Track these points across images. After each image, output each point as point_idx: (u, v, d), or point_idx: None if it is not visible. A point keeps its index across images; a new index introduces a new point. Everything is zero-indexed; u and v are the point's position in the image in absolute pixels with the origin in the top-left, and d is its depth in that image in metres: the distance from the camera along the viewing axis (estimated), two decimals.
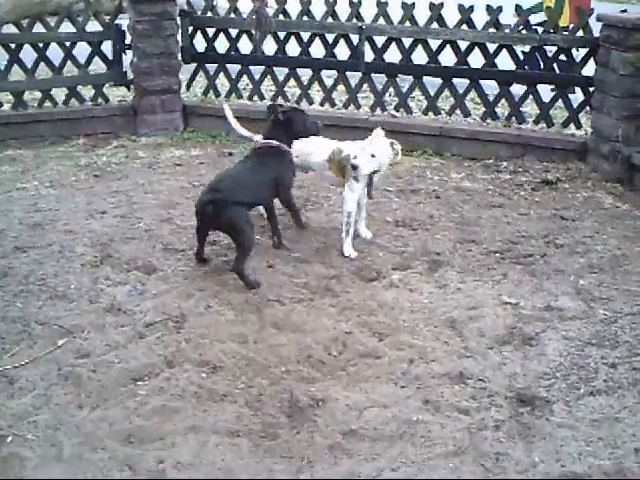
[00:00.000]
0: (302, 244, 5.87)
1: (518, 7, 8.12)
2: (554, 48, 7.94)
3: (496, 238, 5.96)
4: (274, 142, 5.59)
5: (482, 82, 8.32)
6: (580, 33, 7.82)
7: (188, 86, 9.64)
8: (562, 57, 8.02)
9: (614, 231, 6.12)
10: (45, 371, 4.25)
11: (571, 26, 8.31)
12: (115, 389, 4.11)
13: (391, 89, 8.76)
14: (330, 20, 8.60)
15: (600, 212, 6.54)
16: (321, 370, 4.29)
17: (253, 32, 8.45)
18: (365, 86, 8.83)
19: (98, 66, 9.42)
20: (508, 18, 8.34)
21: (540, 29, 8.30)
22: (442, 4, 8.11)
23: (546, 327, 4.68)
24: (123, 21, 9.04)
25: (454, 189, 7.10)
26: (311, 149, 5.99)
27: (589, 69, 7.83)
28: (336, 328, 4.68)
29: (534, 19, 8.51)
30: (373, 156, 5.46)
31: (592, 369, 4.25)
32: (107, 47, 9.04)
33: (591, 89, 7.72)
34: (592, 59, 7.72)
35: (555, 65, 8.20)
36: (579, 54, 7.97)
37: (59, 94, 9.19)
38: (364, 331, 4.66)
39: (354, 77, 8.84)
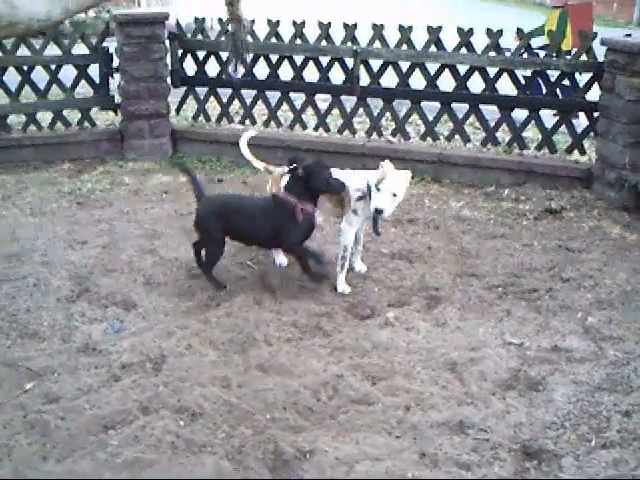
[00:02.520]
0: (291, 278, 5.54)
1: (519, 30, 7.84)
2: (556, 72, 7.63)
3: (498, 271, 5.63)
4: (290, 199, 5.24)
5: (482, 107, 8.00)
6: (583, 57, 7.51)
7: (178, 110, 9.34)
8: (565, 82, 7.72)
9: (623, 264, 5.79)
10: (9, 418, 3.91)
11: (574, 50, 8.05)
12: (85, 438, 3.78)
13: (388, 114, 8.46)
14: (324, 43, 8.29)
15: (607, 243, 6.20)
16: (309, 418, 3.95)
17: (229, 55, 8.13)
18: (361, 111, 8.53)
19: (85, 90, 9.12)
20: (509, 41, 8.06)
21: (542, 53, 8.03)
22: (440, 27, 7.82)
23: (553, 370, 4.33)
24: (110, 44, 8.73)
25: (454, 218, 6.77)
26: None
27: (592, 94, 7.53)
28: (326, 371, 4.34)
29: (535, 43, 8.23)
30: (395, 195, 5.05)
31: (604, 418, 3.89)
32: (94, 70, 8.74)
33: (595, 114, 7.43)
34: (596, 84, 7.42)
35: (558, 90, 7.92)
36: (582, 79, 7.68)
37: (44, 118, 8.91)
38: (356, 374, 4.32)
39: (349, 101, 8.54)
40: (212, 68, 8.99)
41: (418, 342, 4.67)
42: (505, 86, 7.99)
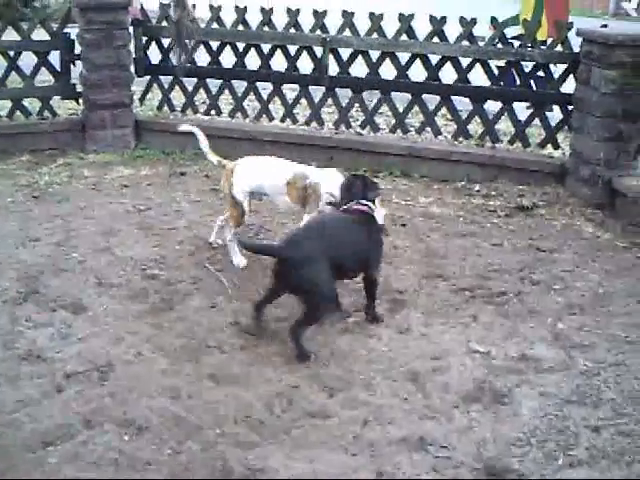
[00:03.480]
0: (249, 279, 5.29)
1: (493, 19, 7.62)
2: (531, 63, 7.41)
3: (466, 273, 5.41)
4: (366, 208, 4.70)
5: (454, 99, 7.75)
6: (559, 48, 7.30)
7: (141, 100, 9.05)
8: (539, 73, 7.51)
9: (595, 265, 5.58)
10: None
11: (549, 40, 7.83)
12: (21, 456, 3.52)
13: (357, 105, 8.19)
14: (293, 31, 8.01)
15: (580, 242, 6.00)
16: (261, 433, 3.71)
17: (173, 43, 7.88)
18: (329, 101, 8.26)
19: (45, 78, 8.78)
20: (483, 31, 7.82)
21: (516, 43, 7.80)
22: (412, 15, 7.58)
23: (520, 381, 4.10)
24: (72, 30, 8.41)
25: (421, 215, 6.54)
26: (266, 169, 5.38)
27: (568, 86, 7.32)
28: (281, 381, 4.11)
29: (510, 32, 8.00)
30: None
31: (572, 434, 3.67)
32: (55, 57, 8.42)
33: (570, 107, 7.20)
34: (571, 75, 7.20)
35: (532, 82, 7.71)
36: (557, 70, 7.47)
37: (3, 106, 8.60)
38: (313, 385, 4.09)
39: (317, 92, 8.28)
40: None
41: (379, 350, 4.43)
42: (478, 77, 7.77)
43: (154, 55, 8.80)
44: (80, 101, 8.62)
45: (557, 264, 5.58)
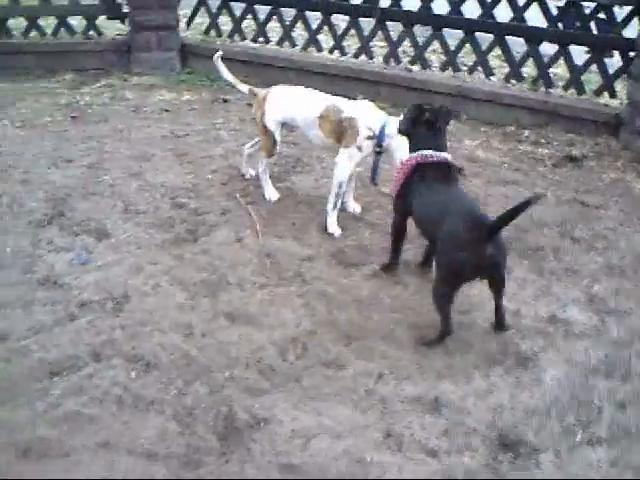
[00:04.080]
0: (279, 214, 5.13)
1: None
2: (592, 4, 7.01)
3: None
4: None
5: (508, 38, 7.39)
6: None
7: (189, 23, 8.83)
8: (601, 15, 7.11)
9: None
10: None
11: None
12: (27, 385, 3.47)
13: (407, 40, 7.86)
14: None
15: (628, 199, 5.69)
16: (271, 379, 3.59)
17: None
18: (379, 34, 7.95)
19: None
20: None
21: None
22: None
23: (547, 345, 3.90)
24: None
25: (465, 158, 6.27)
26: (298, 100, 5.13)
27: (631, 30, 6.93)
28: (299, 325, 3.97)
29: None
30: None
31: (595, 407, 3.47)
32: None
33: (631, 54, 6.81)
34: (636, 19, 6.80)
35: (593, 24, 7.30)
36: (621, 12, 7.06)
37: (47, 24, 8.44)
38: (331, 331, 3.94)
39: (368, 24, 7.97)
40: None
41: (404, 299, 4.25)
42: (535, 17, 7.39)
43: None
44: (126, 22, 8.42)
45: (601, 221, 5.30)
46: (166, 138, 6.40)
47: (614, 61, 7.38)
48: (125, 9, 8.33)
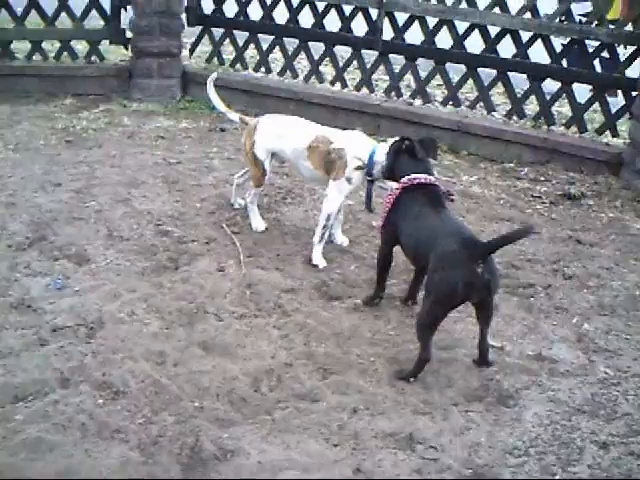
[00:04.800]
0: (265, 245, 5.02)
1: None
2: (596, 43, 6.94)
3: (495, 260, 5.01)
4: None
5: (511, 75, 7.32)
6: (628, 28, 6.80)
7: (191, 51, 8.79)
8: (605, 54, 7.03)
9: (637, 264, 5.15)
10: None
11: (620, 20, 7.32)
12: None
13: (409, 73, 7.79)
14: None
15: (624, 239, 5.55)
16: (241, 411, 3.48)
17: None
18: (381, 67, 7.88)
19: (95, 21, 8.58)
20: (548, 5, 7.34)
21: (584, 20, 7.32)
22: None
23: (531, 383, 3.76)
24: None
25: (461, 194, 6.15)
26: (288, 130, 5.05)
27: (634, 70, 6.85)
28: (274, 357, 3.85)
29: (578, 9, 7.50)
30: None
31: (577, 448, 3.33)
32: (106, 1, 8.21)
33: (634, 94, 6.72)
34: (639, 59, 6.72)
35: (598, 63, 7.21)
36: (625, 53, 6.98)
37: (51, 48, 8.41)
38: (307, 364, 3.82)
39: (370, 57, 7.92)
40: (230, 8, 8.44)
41: (385, 333, 4.13)
42: (538, 55, 7.31)
43: (207, 5, 8.53)
44: (129, 48, 8.39)
45: (595, 259, 5.17)
46: (158, 165, 6.31)
47: (618, 100, 7.27)
48: (128, 35, 8.27)
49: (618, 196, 6.30)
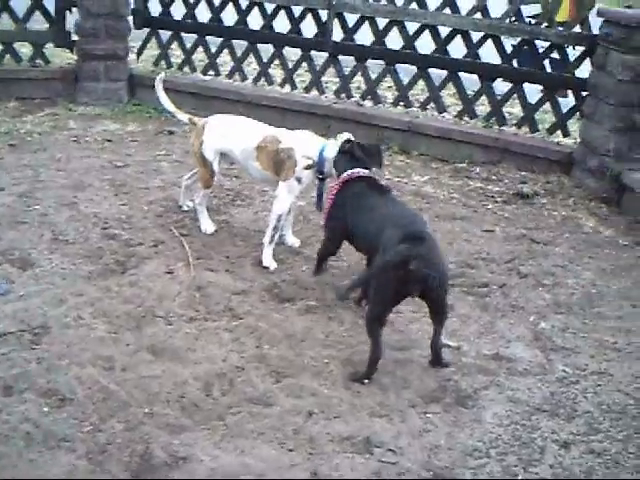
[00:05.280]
0: (214, 247, 4.91)
1: None
2: (546, 44, 6.95)
3: (450, 259, 4.96)
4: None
5: (462, 75, 7.29)
6: (577, 29, 6.82)
7: (139, 54, 8.63)
8: (555, 55, 7.05)
9: (591, 262, 5.14)
10: None
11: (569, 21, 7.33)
12: None
13: (359, 74, 7.72)
14: None
15: (578, 237, 5.54)
16: (193, 416, 3.35)
17: None
18: (331, 69, 7.81)
19: (39, 23, 8.37)
20: (498, 7, 7.34)
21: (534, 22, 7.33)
22: None
23: (489, 383, 3.69)
24: None
25: (412, 194, 6.09)
26: (237, 130, 4.96)
27: (583, 71, 6.87)
28: (226, 360, 3.74)
29: (528, 10, 7.52)
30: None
31: (538, 448, 3.27)
32: (50, 2, 8.01)
33: (584, 93, 6.73)
34: (588, 59, 6.73)
35: (548, 64, 7.22)
36: (575, 53, 7.00)
37: None
38: (260, 367, 3.71)
39: (320, 58, 7.84)
40: (178, 10, 8.31)
41: (338, 335, 4.03)
42: (489, 55, 7.30)
43: (155, 7, 8.40)
44: (74, 51, 8.20)
45: (550, 258, 5.14)
46: (105, 168, 6.15)
47: (569, 101, 7.28)
48: (74, 37, 8.08)
49: (570, 195, 6.29)
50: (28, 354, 3.66)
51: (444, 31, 7.21)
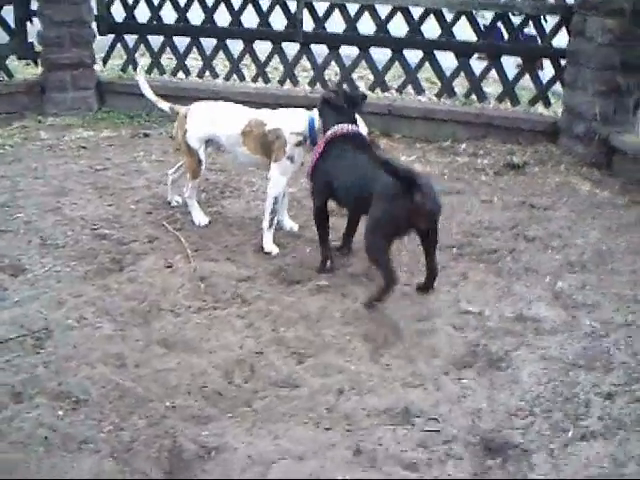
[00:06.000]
0: (211, 238, 4.75)
1: None
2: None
3: (453, 230, 4.87)
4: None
5: (439, 57, 7.19)
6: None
7: (105, 61, 8.42)
8: (528, 31, 7.05)
9: (595, 222, 5.06)
10: None
11: None
12: None
13: (333, 62, 7.59)
14: None
15: (576, 200, 5.46)
16: (218, 405, 3.19)
17: None
18: (304, 59, 7.66)
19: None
20: None
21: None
22: None
23: (518, 344, 3.58)
24: None
25: None
26: (220, 116, 4.82)
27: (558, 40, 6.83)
28: (243, 347, 3.58)
29: None
30: None
31: (582, 402, 3.16)
32: (9, 13, 7.77)
33: (563, 62, 6.66)
34: (564, 29, 6.68)
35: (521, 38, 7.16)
36: (548, 25, 6.98)
37: None
38: (280, 350, 3.56)
39: (291, 49, 7.69)
40: (142, 14, 8.13)
41: (355, 311, 3.89)
42: (463, 34, 7.23)
43: (117, 13, 8.21)
44: (39, 62, 7.97)
45: (553, 221, 5.05)
46: (84, 173, 5.95)
47: (545, 73, 7.22)
48: (37, 48, 7.85)
49: (560, 162, 6.22)
50: (33, 359, 3.48)
51: (416, 12, 7.09)
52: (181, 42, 8.04)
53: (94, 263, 4.40)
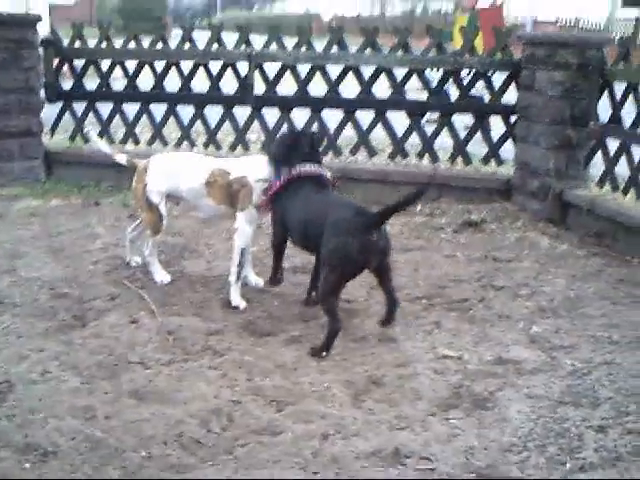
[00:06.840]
0: (175, 295, 4.62)
1: (430, 28, 7.15)
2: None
3: (420, 283, 4.83)
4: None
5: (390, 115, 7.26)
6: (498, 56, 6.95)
7: (53, 130, 8.26)
8: (474, 91, 7.14)
9: (559, 271, 5.07)
10: None
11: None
12: None
13: (285, 125, 7.58)
14: (215, 46, 7.44)
15: (538, 252, 5.48)
16: (197, 454, 3.04)
17: None
18: (255, 124, 7.64)
19: None
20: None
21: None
22: (342, 27, 7.06)
23: (502, 384, 3.51)
24: None
25: None
26: (182, 168, 4.72)
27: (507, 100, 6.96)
28: (218, 397, 3.44)
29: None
30: None
31: (575, 435, 3.09)
32: None
33: (513, 118, 6.78)
34: (510, 89, 6.83)
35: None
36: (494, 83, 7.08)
37: None
38: (257, 399, 3.42)
39: (243, 115, 7.67)
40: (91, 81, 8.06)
41: (333, 360, 3.78)
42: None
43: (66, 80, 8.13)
44: None
45: (518, 272, 5.05)
46: (37, 238, 5.78)
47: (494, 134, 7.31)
48: None
49: (518, 218, 6.25)
50: None
51: (368, 71, 7.17)
52: (131, 110, 7.98)
53: (55, 320, 4.23)
